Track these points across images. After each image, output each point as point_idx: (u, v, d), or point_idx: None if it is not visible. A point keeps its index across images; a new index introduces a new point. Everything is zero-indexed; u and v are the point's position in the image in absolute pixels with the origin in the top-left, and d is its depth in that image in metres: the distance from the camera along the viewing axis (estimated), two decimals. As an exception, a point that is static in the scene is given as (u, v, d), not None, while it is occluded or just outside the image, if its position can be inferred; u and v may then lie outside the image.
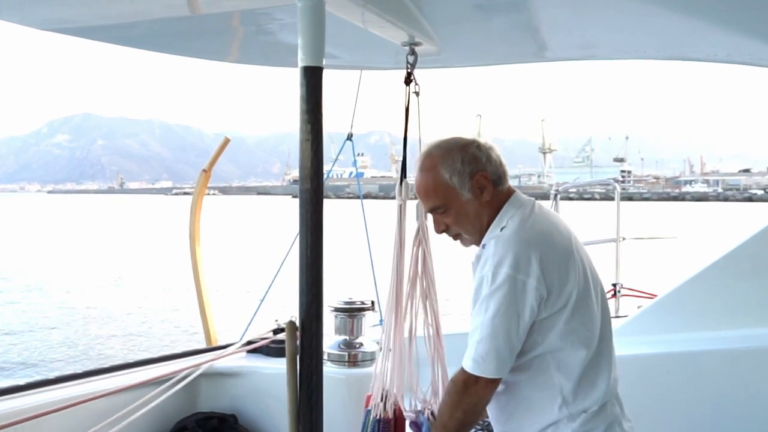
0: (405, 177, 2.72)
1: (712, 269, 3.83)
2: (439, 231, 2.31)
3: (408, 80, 2.66)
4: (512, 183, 2.34)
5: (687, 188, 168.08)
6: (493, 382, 2.11)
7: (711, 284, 3.81)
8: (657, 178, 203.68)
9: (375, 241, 4.77)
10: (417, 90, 2.67)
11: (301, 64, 1.96)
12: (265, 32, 2.78)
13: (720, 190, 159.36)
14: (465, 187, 2.22)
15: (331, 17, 2.06)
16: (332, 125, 4.66)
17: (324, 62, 2.03)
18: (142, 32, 2.84)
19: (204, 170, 4.91)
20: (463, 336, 2.20)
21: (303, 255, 2.02)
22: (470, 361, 2.11)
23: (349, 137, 4.77)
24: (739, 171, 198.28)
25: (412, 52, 2.65)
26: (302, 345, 2.05)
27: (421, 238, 2.75)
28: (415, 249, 2.76)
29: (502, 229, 2.19)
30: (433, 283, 2.77)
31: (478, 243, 2.27)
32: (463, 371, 2.13)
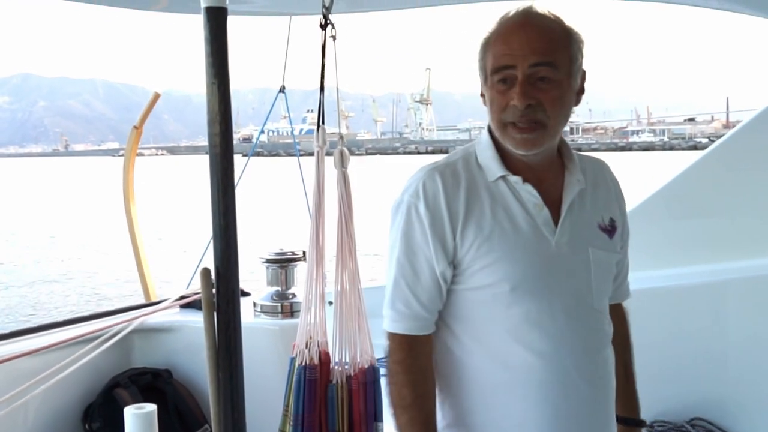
0: (323, 123, 2.71)
1: (641, 209, 3.87)
2: (522, 103, 1.66)
3: (324, 25, 2.61)
4: (463, 137, 2.20)
5: (634, 138, 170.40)
6: None
7: (638, 225, 3.87)
8: (604, 128, 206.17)
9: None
10: (334, 35, 2.63)
11: (203, 4, 1.91)
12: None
13: (666, 139, 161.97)
14: (577, 75, 1.76)
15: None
16: (292, 82, 4.58)
17: (234, 7, 1.99)
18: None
19: (135, 127, 4.83)
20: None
21: (214, 200, 2.00)
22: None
23: (282, 90, 4.70)
24: (685, 120, 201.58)
25: (328, -5, 2.60)
26: (218, 291, 2.04)
27: (341, 185, 2.75)
28: (337, 197, 2.76)
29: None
30: (353, 235, 2.79)
31: (541, 147, 1.75)
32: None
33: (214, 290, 2.06)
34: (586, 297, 1.80)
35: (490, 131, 1.83)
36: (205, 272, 2.04)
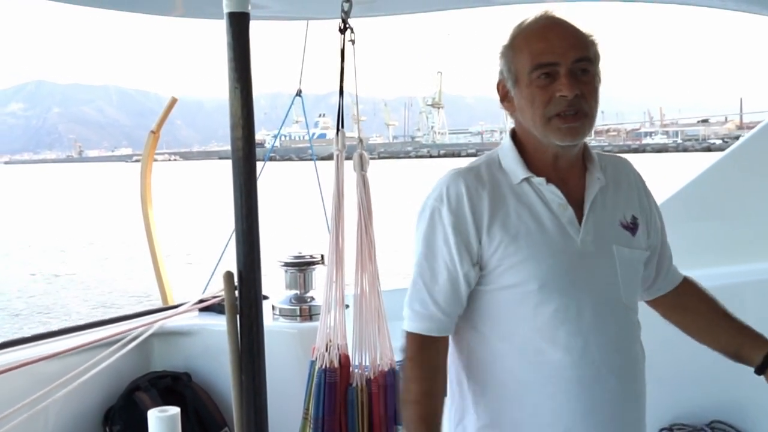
0: (343, 127, 2.73)
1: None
2: (572, 92, 1.73)
3: (343, 29, 2.63)
4: (475, 140, 2.23)
5: (647, 140, 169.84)
6: None
7: None
8: (617, 130, 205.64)
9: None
10: (353, 38, 2.65)
11: (226, 10, 1.93)
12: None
13: (679, 141, 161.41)
14: (600, 72, 1.85)
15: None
16: (304, 86, 4.59)
17: (255, 12, 2.01)
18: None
19: (152, 131, 4.86)
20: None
21: (237, 204, 2.02)
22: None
23: (298, 93, 4.71)
24: (698, 121, 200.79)
25: (347, 0, 2.63)
26: (241, 295, 2.05)
27: (360, 188, 2.77)
28: (357, 200, 2.78)
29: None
30: (373, 238, 2.81)
31: (585, 135, 1.82)
32: None
33: (236, 293, 2.07)
34: (613, 293, 1.82)
35: (512, 137, 1.88)
36: (228, 276, 2.05)
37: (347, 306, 2.88)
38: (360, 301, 2.84)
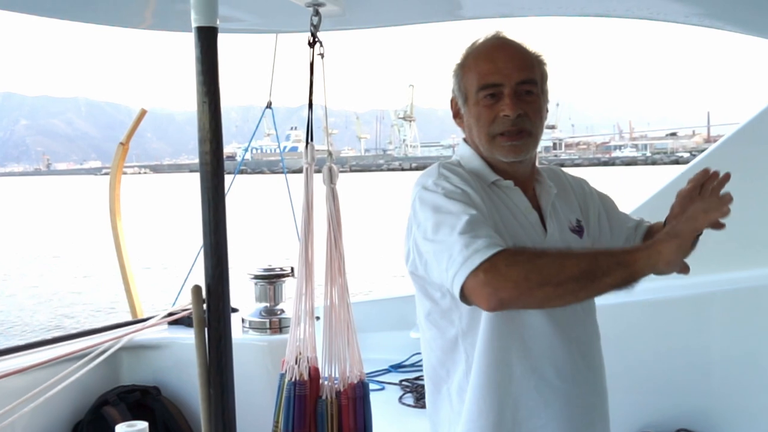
0: (312, 140, 2.74)
1: None
2: (514, 112, 1.80)
3: (312, 42, 2.65)
4: (447, 153, 2.28)
5: (617, 153, 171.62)
6: None
7: None
8: (587, 144, 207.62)
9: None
10: (322, 52, 2.67)
11: (194, 24, 1.93)
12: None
13: (648, 154, 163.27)
14: (547, 92, 1.94)
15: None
16: (275, 99, 4.61)
17: (223, 25, 2.01)
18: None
19: (121, 143, 4.84)
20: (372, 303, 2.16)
21: (206, 219, 2.01)
22: None
23: (268, 106, 4.72)
24: (666, 135, 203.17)
25: (316, 13, 2.64)
26: (209, 309, 2.05)
27: (330, 201, 2.78)
28: (326, 213, 2.79)
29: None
30: (342, 251, 2.82)
31: (528, 153, 1.89)
32: None
33: (204, 307, 2.07)
34: None
35: (469, 144, 1.97)
36: (196, 289, 2.05)
37: (317, 318, 2.89)
38: (330, 313, 2.84)
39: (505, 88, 1.83)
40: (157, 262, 20.69)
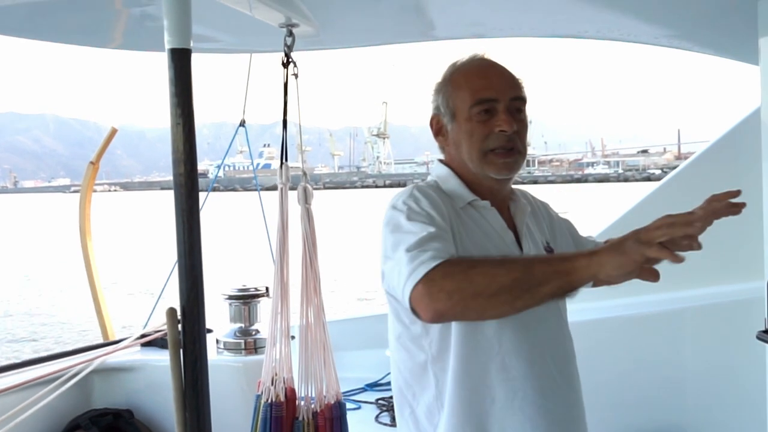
0: (287, 160, 2.74)
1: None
2: (512, 128, 1.83)
3: (286, 63, 2.65)
4: (420, 170, 2.25)
5: (589, 170, 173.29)
6: None
7: None
8: (560, 161, 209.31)
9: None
10: (296, 72, 2.68)
11: (167, 46, 1.92)
12: (132, 15, 2.73)
13: (620, 171, 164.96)
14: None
15: (200, -2, 2.03)
16: (248, 116, 4.59)
17: (197, 45, 2.01)
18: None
19: (91, 162, 4.79)
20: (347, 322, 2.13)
21: (180, 240, 2.00)
22: None
23: (242, 124, 4.70)
24: (638, 152, 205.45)
25: (290, 34, 2.64)
26: (184, 331, 2.03)
27: (305, 221, 2.77)
28: (302, 233, 2.79)
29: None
30: (318, 270, 2.81)
31: (518, 171, 1.91)
32: None
33: (179, 328, 2.04)
34: (554, 310, 1.91)
35: (445, 164, 1.97)
36: (171, 311, 2.03)
37: (293, 337, 2.87)
38: (305, 333, 2.83)
39: (499, 104, 1.84)
40: (128, 282, 20.46)
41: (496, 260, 1.65)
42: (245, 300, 3.54)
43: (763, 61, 2.61)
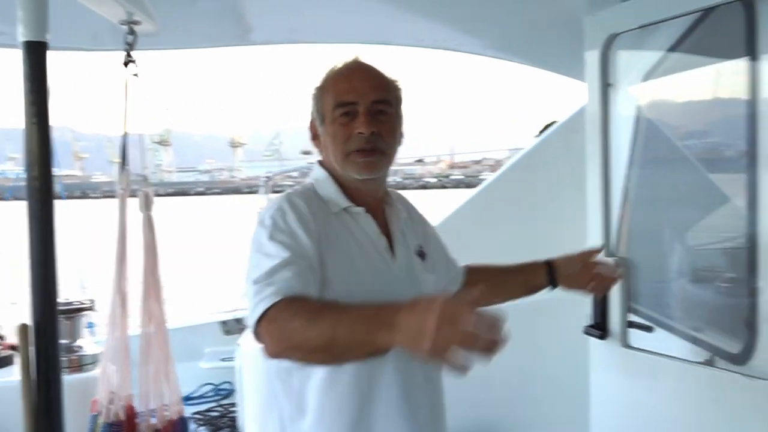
0: (127, 165, 2.61)
1: None
2: (368, 131, 1.84)
3: (127, 62, 2.53)
4: (203, 178, 2.20)
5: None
6: None
7: None
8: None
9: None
10: (136, 72, 2.56)
11: (21, 39, 1.78)
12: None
13: (399, 179, 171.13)
14: (402, 116, 1.98)
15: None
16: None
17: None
18: None
19: None
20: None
21: (34, 249, 1.84)
22: None
23: None
24: (414, 161, 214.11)
25: (131, 32, 2.52)
26: (37, 349, 1.87)
27: (146, 228, 2.67)
28: (143, 241, 2.67)
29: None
30: (159, 279, 2.71)
31: (381, 171, 1.95)
32: None
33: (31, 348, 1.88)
34: None
35: (324, 167, 1.98)
36: (23, 328, 1.86)
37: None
38: (146, 346, 2.70)
39: (359, 106, 1.87)
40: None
41: (318, 315, 1.61)
42: (68, 315, 3.31)
43: (589, 73, 2.80)
